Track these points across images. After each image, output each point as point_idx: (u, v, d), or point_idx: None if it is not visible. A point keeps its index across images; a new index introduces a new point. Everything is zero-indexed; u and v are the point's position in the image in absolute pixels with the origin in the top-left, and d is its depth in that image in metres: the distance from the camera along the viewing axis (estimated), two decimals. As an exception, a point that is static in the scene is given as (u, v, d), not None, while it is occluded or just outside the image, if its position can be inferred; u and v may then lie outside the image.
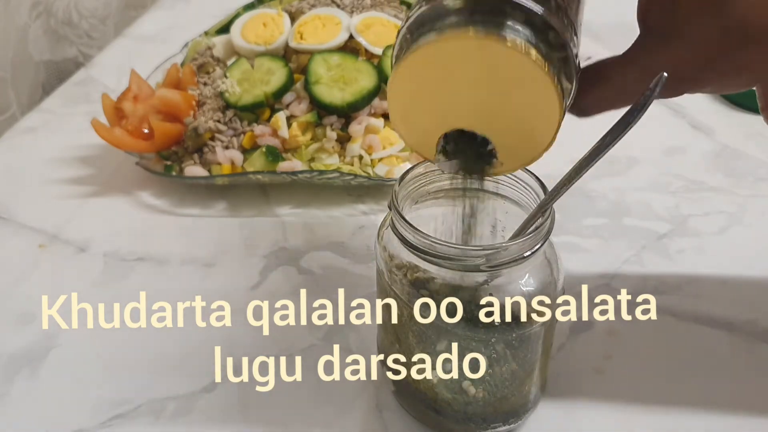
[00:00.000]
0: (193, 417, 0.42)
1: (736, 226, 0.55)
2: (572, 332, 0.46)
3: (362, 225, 0.57)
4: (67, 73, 0.82)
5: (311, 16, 0.65)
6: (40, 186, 0.62)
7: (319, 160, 0.59)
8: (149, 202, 0.60)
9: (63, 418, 0.42)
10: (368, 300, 0.49)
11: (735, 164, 0.62)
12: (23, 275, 0.53)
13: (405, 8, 0.69)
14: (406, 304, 0.36)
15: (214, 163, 0.59)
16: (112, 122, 0.62)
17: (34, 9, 0.78)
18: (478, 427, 0.39)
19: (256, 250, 0.54)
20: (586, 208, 0.57)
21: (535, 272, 0.35)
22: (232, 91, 0.61)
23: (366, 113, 0.60)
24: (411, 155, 0.60)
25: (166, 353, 0.46)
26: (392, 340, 0.39)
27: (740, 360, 0.44)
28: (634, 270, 0.51)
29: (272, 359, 0.45)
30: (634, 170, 0.61)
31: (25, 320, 0.49)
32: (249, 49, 0.64)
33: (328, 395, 0.43)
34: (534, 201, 0.36)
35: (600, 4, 0.90)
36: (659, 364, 0.44)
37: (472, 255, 0.33)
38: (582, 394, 0.42)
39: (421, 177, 0.37)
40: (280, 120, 0.59)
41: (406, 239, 0.34)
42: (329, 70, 0.60)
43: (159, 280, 0.52)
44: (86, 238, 0.56)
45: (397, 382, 0.41)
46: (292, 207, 0.59)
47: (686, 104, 0.70)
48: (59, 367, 0.45)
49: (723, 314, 0.47)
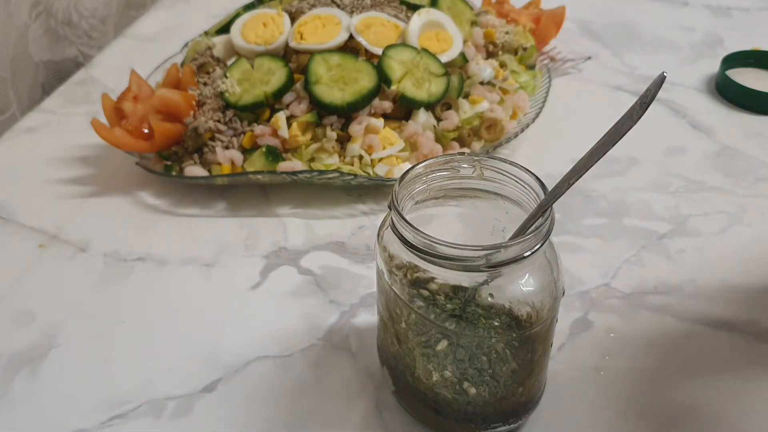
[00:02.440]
0: (193, 417, 0.42)
1: (736, 226, 0.55)
2: (572, 332, 0.46)
3: (362, 225, 0.57)
4: (67, 73, 0.82)
5: (311, 16, 0.65)
6: (40, 186, 0.62)
7: (319, 160, 0.59)
8: (149, 202, 0.60)
9: (63, 418, 0.42)
10: (368, 300, 0.49)
11: (735, 164, 0.62)
12: (23, 275, 0.53)
13: (405, 8, 0.69)
14: (406, 304, 0.36)
15: (214, 163, 0.59)
16: (112, 122, 0.62)
17: (34, 9, 0.78)
18: (478, 427, 0.39)
19: (256, 250, 0.54)
20: (586, 208, 0.57)
21: (535, 272, 0.35)
22: (232, 91, 0.61)
23: (366, 113, 0.60)
24: (411, 155, 0.60)
25: (166, 353, 0.46)
26: (392, 339, 0.39)
27: (740, 360, 0.44)
28: (634, 270, 0.51)
29: (272, 359, 0.45)
30: (634, 170, 0.61)
31: (25, 320, 0.49)
32: (249, 49, 0.64)
33: (328, 395, 0.43)
34: (534, 201, 0.36)
35: (600, 4, 0.91)
36: (659, 364, 0.44)
37: (472, 255, 0.33)
38: (582, 394, 0.42)
39: (422, 177, 0.37)
40: (280, 120, 0.59)
41: (406, 239, 0.34)
42: (329, 70, 0.60)
43: (159, 280, 0.52)
44: (86, 238, 0.56)
45: (397, 381, 0.41)
46: (292, 207, 0.59)
47: (686, 104, 0.70)
48: (59, 367, 0.45)
49: (723, 314, 0.47)
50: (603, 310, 0.48)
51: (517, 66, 0.70)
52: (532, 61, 0.73)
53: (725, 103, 0.71)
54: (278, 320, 0.48)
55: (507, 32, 0.71)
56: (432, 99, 0.61)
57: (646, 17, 0.88)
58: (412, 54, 0.62)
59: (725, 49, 0.78)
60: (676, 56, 0.80)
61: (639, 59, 0.79)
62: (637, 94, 0.79)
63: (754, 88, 0.69)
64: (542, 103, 0.66)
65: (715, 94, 0.72)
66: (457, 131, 0.61)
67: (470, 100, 0.63)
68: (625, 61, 0.78)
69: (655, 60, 0.79)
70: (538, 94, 0.68)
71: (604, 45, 0.82)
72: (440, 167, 0.38)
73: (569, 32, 0.83)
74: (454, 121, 0.61)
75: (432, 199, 0.38)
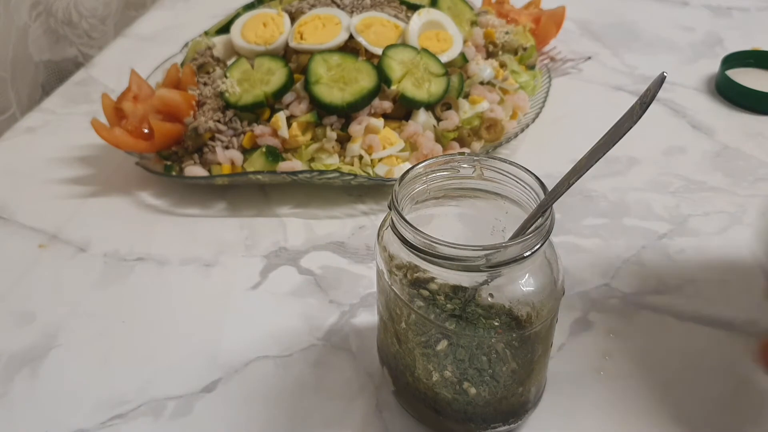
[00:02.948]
0: (193, 417, 0.42)
1: (736, 226, 0.55)
2: (572, 332, 0.46)
3: (362, 225, 0.57)
4: (67, 73, 0.82)
5: (311, 16, 0.65)
6: (40, 186, 0.62)
7: (319, 160, 0.59)
8: (149, 202, 0.60)
9: (63, 418, 0.42)
10: (368, 300, 0.49)
11: (735, 164, 0.62)
12: (23, 275, 0.53)
13: (405, 8, 0.69)
14: (406, 304, 0.36)
15: (214, 163, 0.59)
16: (112, 122, 0.62)
17: (34, 9, 0.78)
18: (478, 427, 0.39)
19: (256, 250, 0.54)
20: (586, 208, 0.57)
21: (536, 272, 0.35)
22: (232, 91, 0.61)
23: (366, 113, 0.60)
24: (411, 155, 0.60)
25: (166, 353, 0.46)
26: (392, 339, 0.39)
27: (740, 360, 0.44)
28: (634, 270, 0.51)
29: (272, 359, 0.45)
30: (634, 170, 0.61)
31: (25, 320, 0.49)
32: (249, 49, 0.64)
33: (328, 395, 0.43)
34: (534, 201, 0.36)
35: (600, 4, 0.91)
36: (659, 364, 0.44)
37: (472, 255, 0.33)
38: (582, 394, 0.42)
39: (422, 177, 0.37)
40: (280, 120, 0.59)
41: (406, 239, 0.34)
42: (329, 70, 0.60)
43: (159, 280, 0.52)
44: (86, 238, 0.56)
45: (397, 381, 0.41)
46: (292, 207, 0.59)
47: (686, 104, 0.70)
48: (59, 367, 0.45)
49: (723, 314, 0.47)
50: (603, 310, 0.48)
51: (517, 66, 0.70)
52: (532, 61, 0.73)
53: (725, 103, 0.71)
54: (278, 320, 0.48)
55: (507, 32, 0.71)
56: (432, 99, 0.61)
57: (646, 17, 0.88)
58: (412, 54, 0.62)
59: (725, 49, 0.78)
60: (676, 56, 0.80)
61: (639, 59, 0.79)
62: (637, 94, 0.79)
63: (754, 88, 0.69)
64: (542, 103, 0.66)
65: (715, 94, 0.72)
66: (457, 131, 0.61)
67: (470, 100, 0.63)
68: (625, 61, 0.78)
69: (655, 60, 0.79)
70: (538, 94, 0.68)
71: (604, 45, 0.82)
72: (440, 167, 0.38)
73: (569, 32, 0.83)
74: (454, 121, 0.61)
75: (432, 199, 0.38)
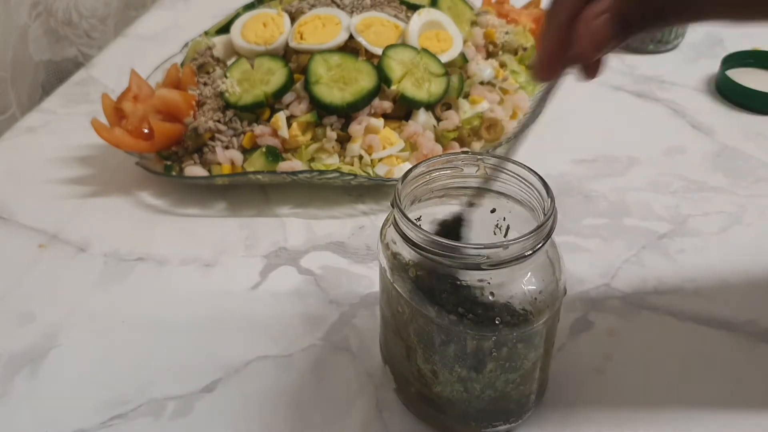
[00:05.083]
0: (193, 417, 0.42)
1: (736, 226, 0.55)
2: (572, 332, 0.46)
3: (362, 225, 0.57)
4: (67, 73, 0.82)
5: (311, 16, 0.65)
6: (40, 186, 0.62)
7: (319, 160, 0.59)
8: (149, 202, 0.60)
9: (63, 418, 0.42)
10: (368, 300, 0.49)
11: (735, 164, 0.62)
12: (23, 275, 0.53)
13: (405, 8, 0.69)
14: (408, 302, 0.36)
15: (214, 163, 0.59)
16: (112, 122, 0.62)
17: (34, 9, 0.78)
18: (478, 426, 0.39)
19: (256, 250, 0.54)
20: (586, 208, 0.57)
21: (537, 271, 0.35)
22: (232, 91, 0.61)
23: (366, 113, 0.60)
24: (411, 155, 0.60)
25: (166, 353, 0.46)
26: (394, 338, 0.39)
27: (740, 360, 0.44)
28: (634, 270, 0.51)
29: (272, 359, 0.45)
30: (634, 170, 0.61)
31: (25, 320, 0.49)
32: (249, 49, 0.64)
33: (328, 395, 0.43)
34: (537, 200, 0.36)
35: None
36: (659, 364, 0.44)
37: (474, 253, 0.33)
38: (582, 394, 0.42)
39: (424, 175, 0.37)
40: (280, 120, 0.59)
41: (408, 237, 0.34)
42: (329, 70, 0.60)
43: (159, 280, 0.52)
44: (86, 238, 0.56)
45: (399, 380, 0.41)
46: (292, 207, 0.59)
47: (686, 104, 0.71)
48: (59, 367, 0.45)
49: (723, 314, 0.47)
50: (603, 310, 0.48)
51: (517, 66, 0.70)
52: (532, 61, 0.73)
53: (725, 103, 0.71)
54: (278, 320, 0.48)
55: (507, 32, 0.71)
56: (432, 99, 0.61)
57: (646, 18, 0.88)
58: (412, 54, 0.62)
59: (725, 49, 0.78)
60: (676, 56, 0.80)
61: (639, 59, 0.79)
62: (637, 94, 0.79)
63: (754, 88, 0.69)
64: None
65: (715, 94, 0.72)
66: (457, 131, 0.61)
67: (470, 100, 0.63)
68: (625, 61, 0.78)
69: (655, 60, 0.79)
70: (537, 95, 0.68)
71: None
72: (443, 166, 0.38)
73: (569, 32, 0.83)
74: (454, 121, 0.61)
75: (435, 198, 0.38)
